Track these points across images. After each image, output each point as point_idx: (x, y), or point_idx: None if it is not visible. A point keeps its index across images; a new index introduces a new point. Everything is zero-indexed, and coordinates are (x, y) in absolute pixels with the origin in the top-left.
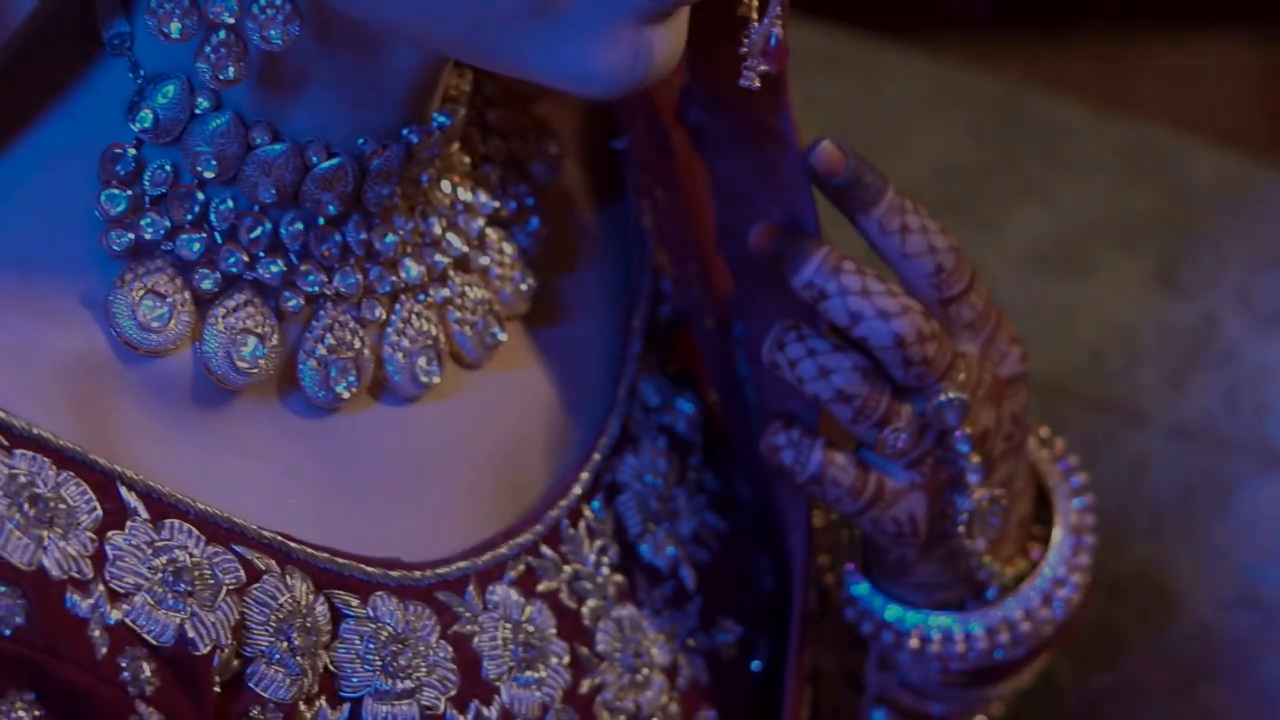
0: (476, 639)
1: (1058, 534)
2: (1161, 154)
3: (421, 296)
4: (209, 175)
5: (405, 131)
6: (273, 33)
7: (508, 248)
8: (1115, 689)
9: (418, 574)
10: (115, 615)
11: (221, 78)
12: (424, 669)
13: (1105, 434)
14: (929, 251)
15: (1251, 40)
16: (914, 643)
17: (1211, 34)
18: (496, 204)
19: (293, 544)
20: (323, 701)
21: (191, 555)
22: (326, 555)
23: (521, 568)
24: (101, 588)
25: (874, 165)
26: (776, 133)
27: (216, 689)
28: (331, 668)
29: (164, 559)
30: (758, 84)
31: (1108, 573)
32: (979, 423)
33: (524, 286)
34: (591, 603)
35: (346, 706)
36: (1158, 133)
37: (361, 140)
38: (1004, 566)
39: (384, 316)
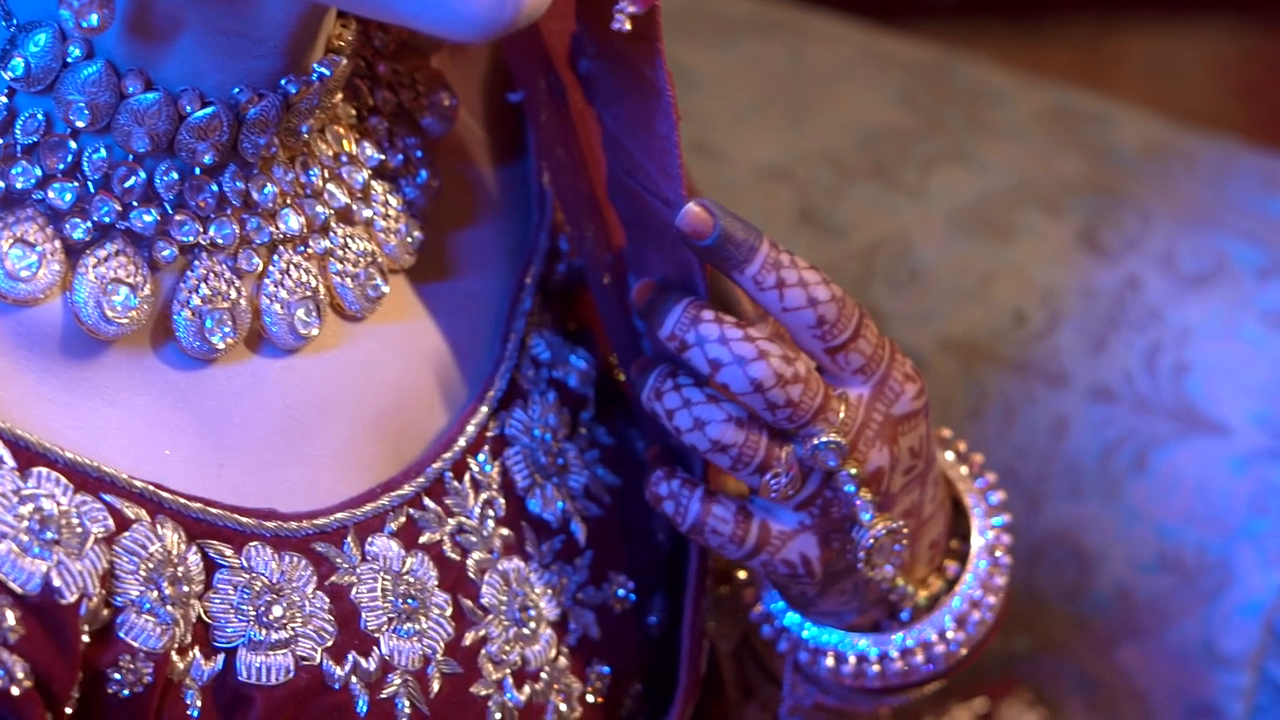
0: (355, 590)
1: (974, 555)
2: (1085, 119)
3: (301, 248)
4: (81, 124)
5: (283, 81)
6: None
7: (394, 200)
8: (1034, 650)
9: (294, 525)
10: None
11: (84, 25)
12: (299, 620)
13: (1025, 395)
14: (809, 304)
15: (1228, 28)
16: (830, 661)
17: (1189, 22)
18: (382, 156)
19: (164, 494)
20: (196, 652)
21: (59, 504)
22: (200, 505)
23: (402, 519)
24: None
25: (746, 221)
26: (650, 81)
27: (85, 639)
28: (205, 618)
29: (30, 507)
30: (627, 26)
31: (1027, 534)
32: (868, 462)
33: (410, 239)
34: (477, 555)
35: (220, 657)
36: (1082, 98)
37: (237, 89)
38: (917, 588)
39: (261, 267)
